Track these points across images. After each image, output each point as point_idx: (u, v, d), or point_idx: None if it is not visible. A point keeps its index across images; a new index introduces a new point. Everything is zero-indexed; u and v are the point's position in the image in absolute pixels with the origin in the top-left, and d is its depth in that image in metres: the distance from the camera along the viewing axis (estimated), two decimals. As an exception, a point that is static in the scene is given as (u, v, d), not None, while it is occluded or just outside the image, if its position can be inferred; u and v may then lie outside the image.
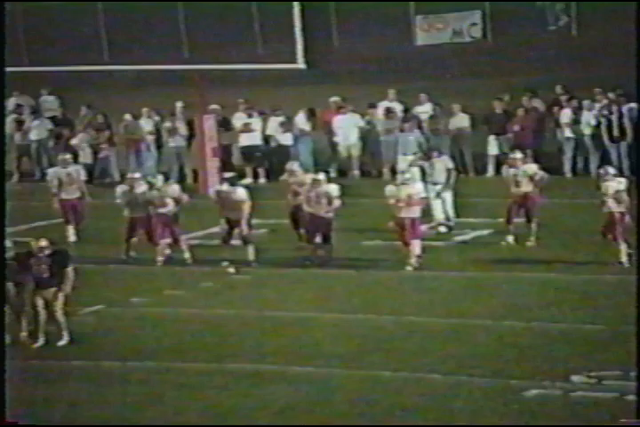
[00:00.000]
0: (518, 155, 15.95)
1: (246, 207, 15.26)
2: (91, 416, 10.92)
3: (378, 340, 12.51)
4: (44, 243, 12.79)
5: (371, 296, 14.04)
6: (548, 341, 12.24)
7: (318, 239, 15.28)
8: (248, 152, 20.45)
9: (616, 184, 14.64)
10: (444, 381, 11.25)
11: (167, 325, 13.37)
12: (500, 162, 19.93)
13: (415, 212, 14.92)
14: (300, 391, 11.22)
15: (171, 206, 15.71)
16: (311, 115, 20.45)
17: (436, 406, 10.70)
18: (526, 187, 15.53)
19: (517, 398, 10.80)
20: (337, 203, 15.26)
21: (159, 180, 16.02)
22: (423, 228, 15.27)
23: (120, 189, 15.92)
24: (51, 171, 17.41)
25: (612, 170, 15.00)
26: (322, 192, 15.27)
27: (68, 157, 17.55)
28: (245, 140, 20.48)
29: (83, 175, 17.13)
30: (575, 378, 11.13)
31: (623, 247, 14.46)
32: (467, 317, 13.06)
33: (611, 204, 14.49)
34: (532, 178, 15.55)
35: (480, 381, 11.20)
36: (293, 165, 16.25)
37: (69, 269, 12.81)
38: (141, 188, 15.74)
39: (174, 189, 16.06)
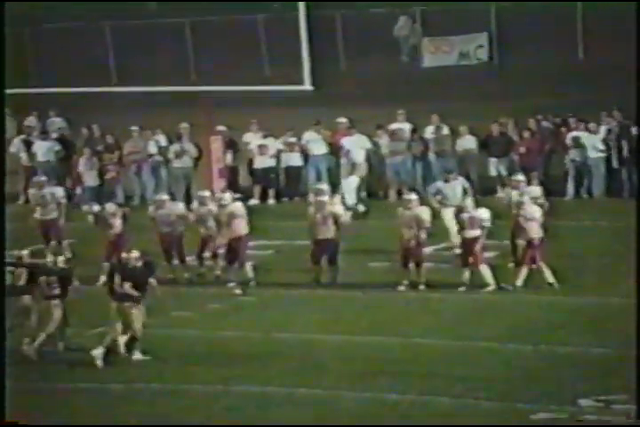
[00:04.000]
0: (520, 177, 15.93)
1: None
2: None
3: (384, 362, 12.48)
4: (135, 254, 12.91)
5: (377, 318, 14.01)
6: (555, 364, 12.20)
7: (324, 261, 15.27)
8: (262, 174, 20.48)
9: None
10: (451, 403, 11.22)
11: (174, 346, 13.35)
12: (504, 184, 19.98)
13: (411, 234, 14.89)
14: (306, 414, 11.18)
15: (177, 225, 15.73)
16: (318, 127, 20.44)
17: (443, 429, 10.65)
18: (530, 210, 15.43)
19: (525, 422, 10.75)
20: (345, 222, 15.23)
21: (165, 198, 16.12)
22: (428, 250, 15.24)
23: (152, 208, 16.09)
24: (30, 192, 17.76)
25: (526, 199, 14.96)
26: (327, 214, 15.28)
27: (43, 179, 17.77)
28: (260, 161, 20.51)
29: (60, 197, 17.18)
30: (583, 402, 11.09)
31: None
32: (474, 339, 13.03)
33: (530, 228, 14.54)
34: (535, 200, 15.49)
35: (487, 404, 11.16)
36: (322, 186, 16.18)
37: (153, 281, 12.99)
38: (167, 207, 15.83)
39: (179, 207, 16.10)
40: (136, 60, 27.92)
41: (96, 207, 16.25)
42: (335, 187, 18.17)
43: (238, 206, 15.70)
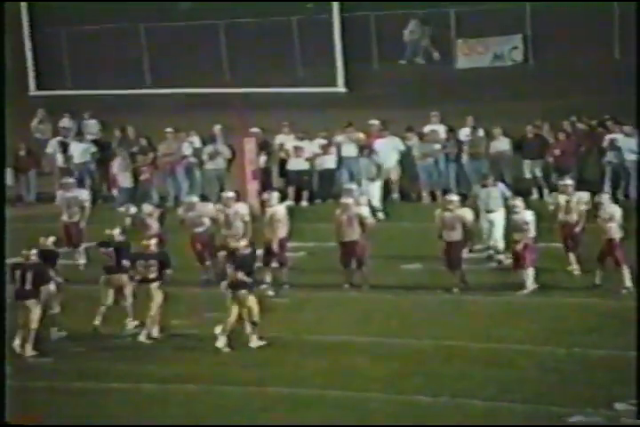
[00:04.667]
0: (569, 181, 15.74)
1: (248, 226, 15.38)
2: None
3: (417, 364, 12.44)
4: (243, 243, 13.28)
5: (410, 320, 13.97)
6: (589, 367, 12.12)
7: (353, 264, 15.24)
8: (296, 175, 20.50)
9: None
10: (484, 406, 11.16)
11: (207, 347, 13.37)
12: (540, 185, 19.85)
13: (453, 236, 14.83)
14: (338, 415, 11.16)
15: (207, 226, 15.77)
16: (351, 129, 20.42)
17: (475, 432, 10.60)
18: (575, 215, 15.26)
19: (559, 425, 10.67)
20: (370, 224, 15.19)
21: (195, 200, 16.17)
22: (464, 252, 15.16)
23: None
24: (58, 193, 17.79)
25: (605, 198, 14.86)
26: (353, 215, 15.24)
27: (71, 181, 17.86)
28: (295, 163, 20.53)
29: (84, 200, 17.28)
30: (618, 406, 11.00)
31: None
32: (507, 342, 12.96)
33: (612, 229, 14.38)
34: (580, 205, 15.31)
35: (521, 406, 11.10)
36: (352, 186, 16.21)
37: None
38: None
39: (210, 208, 16.13)
40: (170, 61, 28.00)
41: (133, 209, 16.33)
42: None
43: (282, 209, 15.73)
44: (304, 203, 20.33)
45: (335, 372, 12.33)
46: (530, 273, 14.66)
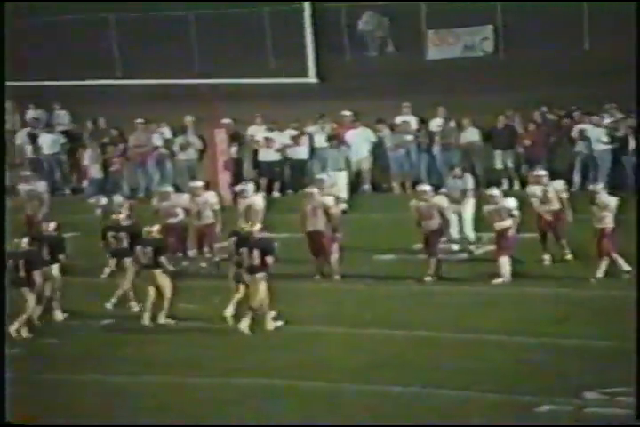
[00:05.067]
0: (542, 172, 15.75)
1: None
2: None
3: (388, 354, 12.48)
4: (257, 227, 13.52)
5: (382, 311, 14.00)
6: (559, 357, 12.19)
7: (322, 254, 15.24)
8: (267, 166, 20.47)
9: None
10: (455, 396, 11.21)
11: (179, 339, 13.35)
12: (511, 176, 19.93)
13: (431, 225, 14.84)
14: (310, 406, 11.18)
15: (181, 217, 15.74)
16: (323, 120, 20.42)
17: (446, 422, 10.64)
18: (555, 205, 15.33)
19: (529, 414, 10.74)
20: (335, 214, 15.17)
21: (169, 190, 16.14)
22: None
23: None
24: (19, 187, 17.67)
25: (600, 187, 14.98)
26: (317, 205, 15.24)
27: (28, 173, 17.86)
28: (265, 154, 20.49)
29: (42, 192, 17.21)
30: (588, 394, 11.08)
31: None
32: (478, 332, 13.01)
33: (608, 219, 14.48)
34: (559, 194, 15.39)
35: (492, 396, 11.16)
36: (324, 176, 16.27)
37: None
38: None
39: (184, 198, 16.09)
40: (141, 52, 27.89)
41: (103, 200, 16.29)
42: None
43: (260, 199, 15.72)
44: (276, 194, 20.32)
45: (307, 363, 12.35)
46: (506, 261, 14.66)
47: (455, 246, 15.92)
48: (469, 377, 11.64)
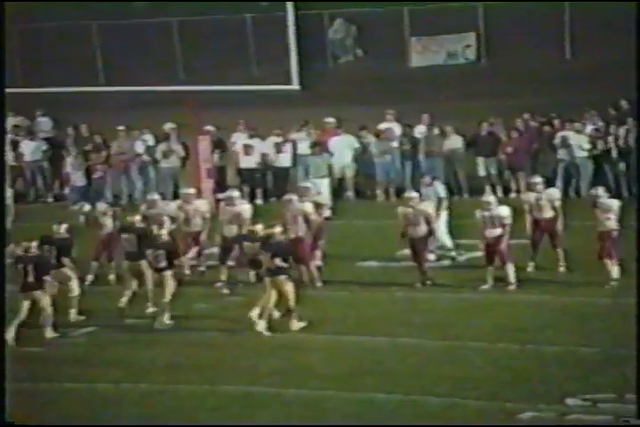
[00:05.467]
0: (537, 179, 15.67)
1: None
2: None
3: (372, 362, 12.47)
4: (278, 229, 13.71)
5: (365, 318, 14.00)
6: (542, 363, 12.21)
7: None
8: (248, 174, 20.46)
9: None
10: (438, 403, 11.22)
11: (161, 346, 13.32)
12: (494, 184, 19.98)
13: (419, 231, 14.87)
14: (293, 414, 11.17)
15: (167, 224, 15.72)
16: (306, 127, 20.43)
17: (430, 429, 10.66)
18: (549, 212, 15.28)
19: (512, 421, 10.76)
20: (315, 221, 15.16)
21: (156, 198, 16.14)
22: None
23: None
24: None
25: (602, 191, 15.02)
26: (296, 212, 15.22)
27: None
28: (246, 161, 20.49)
29: (8, 198, 17.36)
30: (570, 401, 11.10)
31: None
32: (461, 339, 13.03)
33: (609, 222, 14.50)
34: (552, 203, 15.36)
35: (475, 403, 11.17)
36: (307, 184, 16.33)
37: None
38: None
39: (172, 206, 16.08)
40: (124, 59, 27.87)
41: (87, 207, 16.27)
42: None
43: (248, 208, 15.71)
44: (258, 201, 20.31)
45: (290, 370, 12.34)
46: (510, 269, 14.65)
47: (432, 256, 15.80)
48: (453, 384, 11.65)
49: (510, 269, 14.71)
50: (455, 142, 20.11)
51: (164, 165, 20.72)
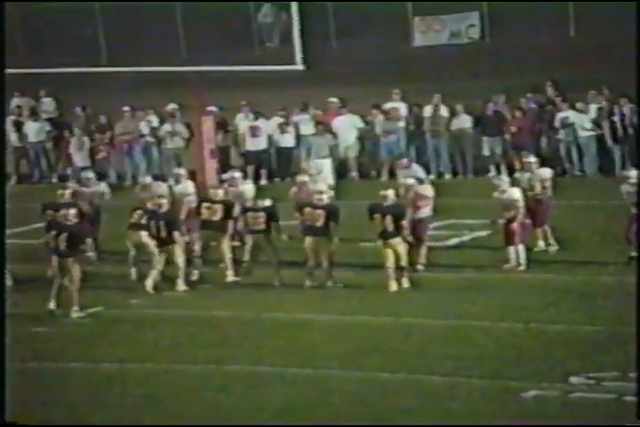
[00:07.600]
0: (532, 158, 15.73)
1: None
2: (89, 418, 10.91)
3: (376, 341, 12.51)
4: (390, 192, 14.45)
5: (368, 298, 14.03)
6: (546, 342, 12.24)
7: None
8: (254, 155, 20.45)
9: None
10: (442, 382, 11.25)
11: (165, 326, 13.36)
12: (498, 163, 19.96)
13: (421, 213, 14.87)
14: (298, 393, 11.22)
15: (164, 207, 15.73)
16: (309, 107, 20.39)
17: (434, 408, 10.70)
18: (537, 191, 15.23)
19: (516, 400, 10.80)
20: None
21: (148, 181, 16.13)
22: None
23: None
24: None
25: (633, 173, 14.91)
26: (310, 192, 15.19)
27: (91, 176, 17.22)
28: (252, 143, 20.47)
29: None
30: (574, 379, 11.13)
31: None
32: (465, 318, 13.06)
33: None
34: (543, 182, 15.39)
35: (478, 382, 11.20)
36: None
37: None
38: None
39: (163, 188, 16.09)
40: (126, 39, 27.78)
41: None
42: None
43: (251, 188, 15.76)
44: (263, 182, 20.31)
45: (294, 350, 12.37)
46: (521, 249, 14.65)
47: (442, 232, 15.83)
48: (456, 363, 11.69)
49: (522, 251, 14.70)
50: (464, 122, 20.08)
51: (167, 146, 20.73)
